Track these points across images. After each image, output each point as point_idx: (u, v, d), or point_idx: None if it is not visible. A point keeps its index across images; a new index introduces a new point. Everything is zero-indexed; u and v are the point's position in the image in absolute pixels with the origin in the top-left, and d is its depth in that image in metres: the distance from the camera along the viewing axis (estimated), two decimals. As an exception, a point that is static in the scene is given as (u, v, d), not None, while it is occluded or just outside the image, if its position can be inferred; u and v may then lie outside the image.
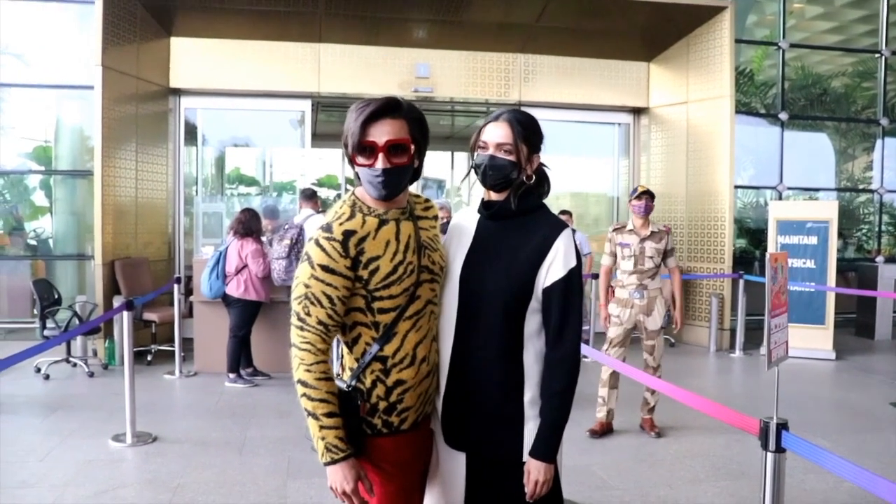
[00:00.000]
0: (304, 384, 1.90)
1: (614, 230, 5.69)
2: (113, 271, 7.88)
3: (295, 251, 6.80)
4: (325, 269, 1.89)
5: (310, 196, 7.49)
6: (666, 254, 5.58)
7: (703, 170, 9.27)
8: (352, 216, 1.97)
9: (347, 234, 1.92)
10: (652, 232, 5.54)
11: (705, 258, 9.27)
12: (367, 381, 1.99)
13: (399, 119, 1.95)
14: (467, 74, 9.50)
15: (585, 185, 11.39)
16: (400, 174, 1.97)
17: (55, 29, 9.38)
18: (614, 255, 5.66)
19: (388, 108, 1.94)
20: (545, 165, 2.16)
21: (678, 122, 9.65)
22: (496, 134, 2.07)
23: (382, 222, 1.99)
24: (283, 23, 8.74)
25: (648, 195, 5.54)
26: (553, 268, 2.00)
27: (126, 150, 8.25)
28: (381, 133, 1.92)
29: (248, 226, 6.97)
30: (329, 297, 1.90)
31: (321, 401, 1.89)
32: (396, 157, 1.94)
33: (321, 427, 1.89)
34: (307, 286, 1.90)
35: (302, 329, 1.90)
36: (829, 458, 2.20)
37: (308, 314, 1.89)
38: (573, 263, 2.01)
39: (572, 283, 2.01)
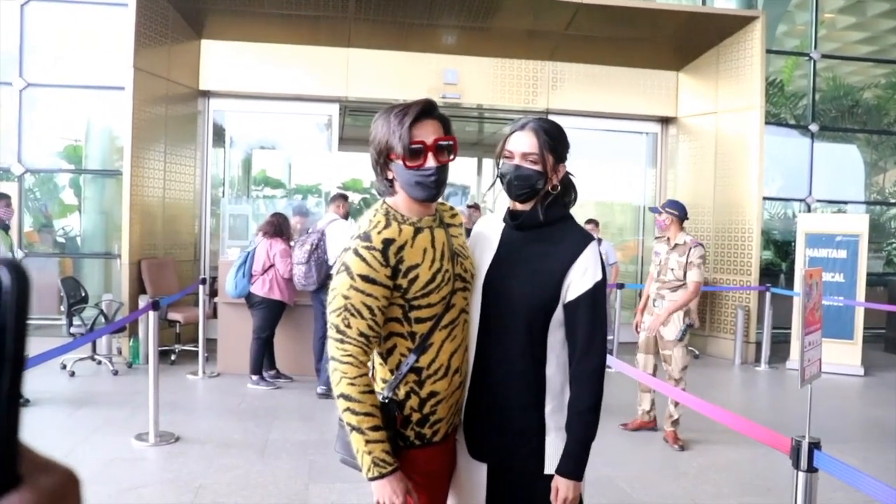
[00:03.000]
0: (347, 398, 1.83)
1: (656, 238, 5.93)
2: (139, 271, 7.95)
3: (315, 257, 6.76)
4: (365, 279, 1.85)
5: (336, 199, 7.49)
6: (686, 267, 5.58)
7: (731, 180, 9.17)
8: (388, 225, 1.93)
9: (387, 243, 1.88)
10: (676, 244, 5.58)
11: (732, 270, 9.17)
12: (402, 393, 1.96)
13: (436, 119, 1.96)
14: (495, 81, 9.49)
15: (612, 194, 11.33)
16: (447, 173, 1.98)
17: (87, 30, 9.50)
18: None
19: (430, 108, 1.95)
20: (571, 174, 2.13)
21: (707, 132, 9.57)
22: (522, 143, 2.03)
23: (418, 230, 1.96)
24: (313, 27, 8.78)
25: (657, 210, 5.73)
26: (579, 280, 1.97)
27: (155, 150, 8.33)
28: (428, 133, 1.92)
29: (279, 228, 7.02)
30: (370, 308, 1.85)
31: (366, 414, 1.83)
32: (442, 155, 1.94)
33: (367, 441, 1.82)
34: (346, 297, 1.85)
35: (342, 342, 1.84)
36: (863, 478, 2.15)
37: (349, 326, 1.84)
38: (599, 276, 1.98)
39: (597, 296, 1.98)
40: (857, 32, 11.98)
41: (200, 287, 7.64)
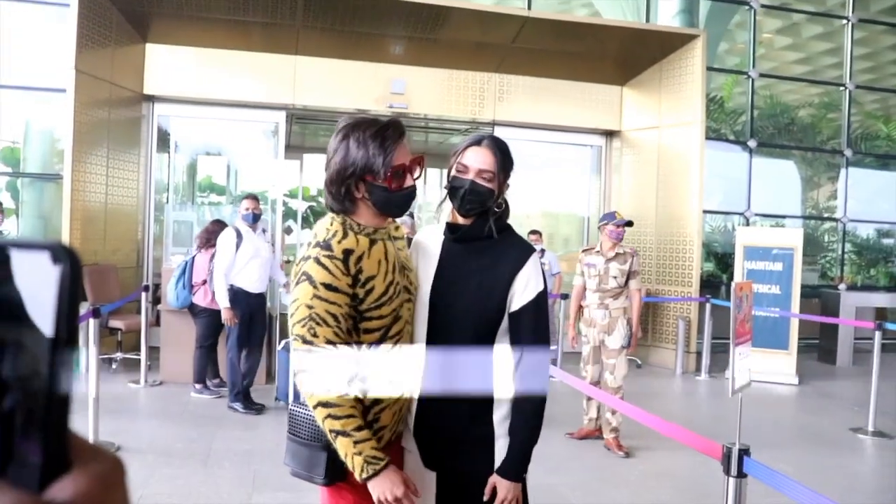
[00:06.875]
0: (325, 405, 1.85)
1: (583, 251, 5.98)
2: (79, 277, 7.76)
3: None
4: (328, 287, 1.87)
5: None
6: (629, 275, 5.74)
7: (673, 194, 9.41)
8: (346, 235, 1.96)
9: (347, 252, 1.92)
10: (617, 253, 5.74)
11: (673, 281, 9.39)
12: None
13: (404, 137, 2.02)
14: (442, 92, 9.55)
15: (557, 205, 11.49)
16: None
17: (28, 30, 9.28)
18: (583, 275, 5.85)
19: (403, 130, 2.01)
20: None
21: (649, 146, 9.79)
22: (478, 160, 2.07)
23: (373, 241, 2.00)
24: (261, 33, 8.73)
25: (629, 225, 5.80)
26: (522, 291, 2.04)
27: (97, 154, 8.17)
28: (404, 154, 1.97)
29: (216, 237, 6.94)
30: (334, 316, 1.88)
31: (349, 417, 1.85)
32: (415, 172, 2.02)
33: (355, 443, 1.84)
34: (310, 307, 1.87)
35: (310, 352, 1.87)
36: (790, 484, 2.24)
37: (315, 335, 1.86)
38: (541, 287, 2.06)
39: (540, 305, 2.05)
40: (792, 53, 12.42)
41: (143, 294, 7.51)
